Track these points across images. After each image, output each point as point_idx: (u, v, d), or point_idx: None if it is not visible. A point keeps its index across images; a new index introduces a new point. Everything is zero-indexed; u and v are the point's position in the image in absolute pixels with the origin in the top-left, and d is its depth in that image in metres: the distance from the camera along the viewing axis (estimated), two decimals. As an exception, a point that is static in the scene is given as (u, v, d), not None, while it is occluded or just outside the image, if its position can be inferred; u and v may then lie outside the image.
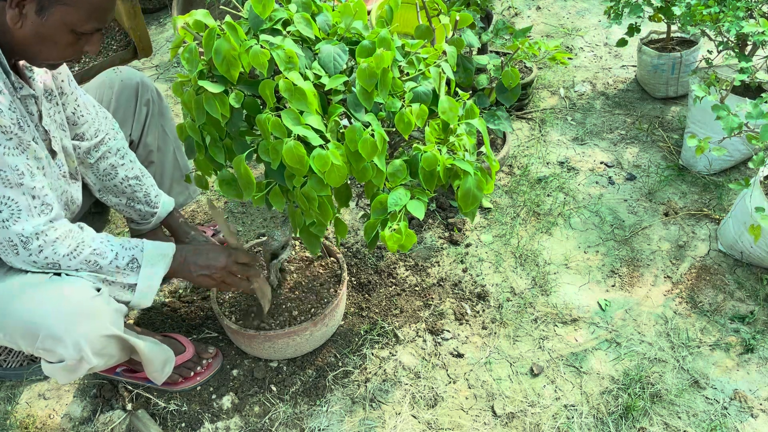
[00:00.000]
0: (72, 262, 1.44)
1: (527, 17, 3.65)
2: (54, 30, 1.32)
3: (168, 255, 1.58)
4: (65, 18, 1.31)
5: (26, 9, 1.28)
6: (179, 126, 1.48)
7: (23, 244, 1.38)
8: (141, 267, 1.53)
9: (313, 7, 1.40)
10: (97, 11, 1.34)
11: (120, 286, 1.52)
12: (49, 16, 1.30)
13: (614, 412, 1.79)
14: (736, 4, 2.23)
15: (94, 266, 1.47)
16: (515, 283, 2.16)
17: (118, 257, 1.51)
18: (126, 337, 1.54)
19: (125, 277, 1.52)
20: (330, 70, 1.34)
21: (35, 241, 1.39)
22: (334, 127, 1.30)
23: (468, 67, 2.21)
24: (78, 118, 1.69)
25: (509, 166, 2.64)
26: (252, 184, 1.36)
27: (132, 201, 1.85)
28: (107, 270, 1.49)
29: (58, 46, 1.37)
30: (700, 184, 2.50)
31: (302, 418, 1.79)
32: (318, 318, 1.79)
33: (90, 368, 1.49)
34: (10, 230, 1.36)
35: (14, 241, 1.38)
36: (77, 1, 1.30)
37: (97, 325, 1.45)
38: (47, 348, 1.42)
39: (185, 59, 1.33)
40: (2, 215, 1.35)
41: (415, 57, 1.43)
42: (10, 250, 1.39)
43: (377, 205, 1.36)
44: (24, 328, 1.41)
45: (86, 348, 1.44)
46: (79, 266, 1.45)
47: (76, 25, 1.34)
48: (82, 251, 1.46)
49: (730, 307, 2.06)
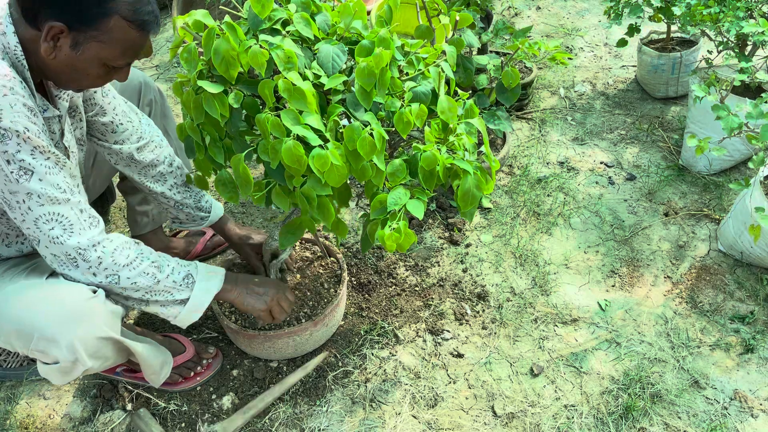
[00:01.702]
0: (131, 273, 1.45)
1: (527, 17, 3.65)
2: (87, 64, 1.34)
3: (220, 274, 1.61)
4: (99, 54, 1.32)
5: (61, 42, 1.29)
6: (179, 126, 1.48)
7: (81, 256, 1.39)
8: (195, 282, 1.55)
9: (313, 7, 1.40)
10: (131, 48, 1.36)
11: (166, 302, 1.53)
12: (84, 51, 1.31)
13: (614, 412, 1.79)
14: (736, 4, 2.23)
15: (152, 279, 1.47)
16: (515, 283, 2.16)
17: (174, 272, 1.52)
18: (122, 340, 1.53)
19: (179, 292, 1.53)
20: (328, 70, 1.34)
21: (93, 252, 1.40)
22: (333, 126, 1.30)
23: (468, 67, 2.21)
24: (117, 126, 1.70)
25: (509, 166, 2.64)
26: (249, 183, 1.36)
27: (181, 205, 1.86)
28: (164, 283, 1.50)
29: (89, 77, 1.38)
30: (700, 184, 2.50)
31: (302, 418, 1.79)
32: (318, 318, 1.79)
33: (85, 370, 1.49)
34: (66, 245, 1.37)
35: (72, 255, 1.39)
36: (112, 39, 1.31)
37: (92, 327, 1.44)
38: (41, 349, 1.42)
39: (184, 59, 1.33)
40: (55, 231, 1.36)
41: (415, 57, 1.43)
42: (69, 264, 1.40)
43: (377, 204, 1.36)
44: (18, 329, 1.41)
45: (80, 350, 1.43)
46: (137, 278, 1.45)
47: (109, 60, 1.35)
48: (141, 263, 1.46)
49: (730, 307, 2.06)
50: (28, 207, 1.33)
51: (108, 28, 1.29)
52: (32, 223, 1.35)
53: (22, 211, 1.34)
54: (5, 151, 1.26)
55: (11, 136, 1.26)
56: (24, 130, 1.27)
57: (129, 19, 1.30)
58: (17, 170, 1.29)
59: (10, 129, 1.25)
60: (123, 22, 1.30)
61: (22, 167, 1.29)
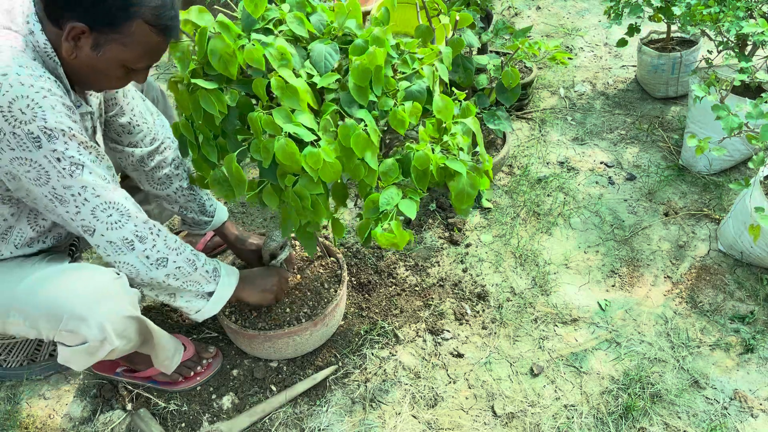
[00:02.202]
0: (178, 258, 1.52)
1: (527, 17, 3.65)
2: (107, 65, 1.35)
3: (236, 271, 1.68)
4: (120, 56, 1.34)
5: (82, 42, 1.30)
6: (174, 125, 1.49)
7: (138, 238, 1.45)
8: (221, 276, 1.62)
9: (308, 8, 1.40)
10: (151, 52, 1.37)
11: (196, 293, 1.60)
12: (104, 53, 1.33)
13: (614, 412, 1.79)
14: (736, 4, 2.23)
15: (192, 266, 1.55)
16: (515, 283, 2.16)
17: (206, 263, 1.59)
18: (144, 320, 1.56)
19: (207, 283, 1.60)
20: (321, 69, 1.34)
21: (150, 234, 1.47)
22: (326, 125, 1.30)
23: (468, 67, 2.21)
24: (134, 127, 1.71)
25: (509, 166, 2.64)
26: (243, 183, 1.37)
27: (185, 210, 1.87)
28: (200, 272, 1.57)
29: (108, 79, 1.40)
30: (700, 184, 2.50)
31: (302, 418, 1.79)
32: (318, 318, 1.79)
33: (111, 350, 1.50)
34: (124, 228, 1.43)
35: (129, 238, 1.44)
36: (134, 42, 1.32)
37: (120, 306, 1.48)
38: (71, 329, 1.43)
39: (177, 59, 1.34)
40: (114, 217, 1.41)
41: (409, 56, 1.43)
42: (125, 248, 1.45)
43: (369, 204, 1.36)
44: (48, 311, 1.43)
45: (109, 328, 1.46)
46: (181, 264, 1.52)
47: (129, 63, 1.36)
48: (185, 249, 1.54)
49: (730, 307, 2.05)
50: (84, 198, 1.37)
51: (130, 31, 1.30)
52: (89, 214, 1.39)
53: (77, 204, 1.38)
54: (54, 149, 1.30)
55: (58, 135, 1.30)
56: (69, 129, 1.31)
57: (152, 24, 1.31)
58: (69, 166, 1.33)
59: (56, 129, 1.29)
60: (146, 26, 1.31)
61: (72, 163, 1.33)
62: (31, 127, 1.27)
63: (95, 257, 2.30)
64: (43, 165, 1.32)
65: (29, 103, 1.26)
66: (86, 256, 2.29)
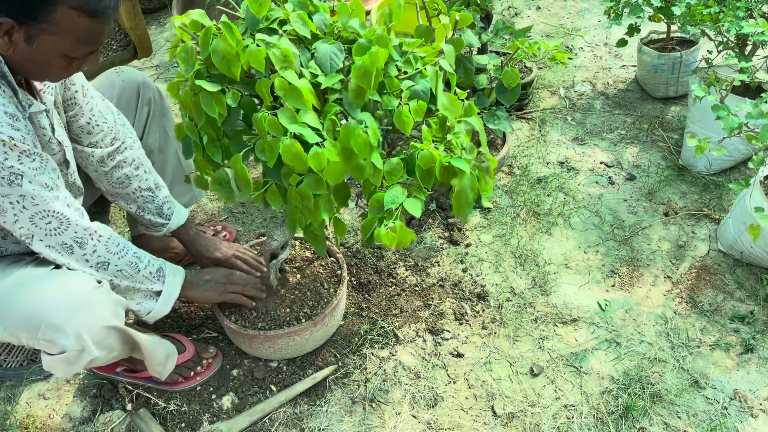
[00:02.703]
0: (119, 261, 1.54)
1: (527, 17, 3.65)
2: (46, 56, 1.31)
3: (182, 270, 1.71)
4: (55, 46, 1.30)
5: (15, 38, 1.27)
6: (177, 126, 1.49)
7: (79, 244, 1.47)
8: (166, 276, 1.65)
9: (310, 7, 1.40)
10: (87, 38, 1.32)
11: (145, 293, 1.63)
12: (38, 45, 1.29)
13: (614, 412, 1.79)
14: (736, 4, 2.23)
15: (134, 268, 1.57)
16: (515, 283, 2.16)
17: (150, 264, 1.62)
18: (127, 330, 1.55)
19: (153, 284, 1.62)
20: (326, 69, 1.34)
21: (90, 240, 1.48)
22: (330, 125, 1.30)
23: (468, 67, 2.21)
24: (93, 128, 1.69)
25: (509, 166, 2.64)
26: (249, 183, 1.36)
27: (142, 210, 1.85)
28: (143, 273, 1.59)
29: (53, 69, 1.36)
30: (700, 184, 2.50)
31: (302, 418, 1.79)
32: (318, 318, 1.79)
33: (91, 360, 1.49)
34: (64, 235, 1.44)
35: (68, 243, 1.46)
36: (63, 30, 1.28)
37: (99, 316, 1.46)
38: (48, 338, 1.43)
39: (181, 59, 1.33)
40: (52, 225, 1.42)
41: (412, 55, 1.43)
42: (64, 252, 1.47)
43: (374, 203, 1.36)
44: (25, 319, 1.42)
45: (87, 338, 1.45)
46: (123, 267, 1.55)
47: (68, 52, 1.32)
48: (127, 252, 1.56)
49: (730, 307, 2.05)
50: (22, 207, 1.37)
51: (56, 19, 1.25)
52: (27, 221, 1.39)
53: (15, 212, 1.38)
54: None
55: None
56: (9, 139, 1.29)
57: (76, 8, 1.26)
58: (8, 176, 1.32)
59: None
60: (70, 11, 1.26)
61: (12, 173, 1.32)
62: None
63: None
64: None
65: None
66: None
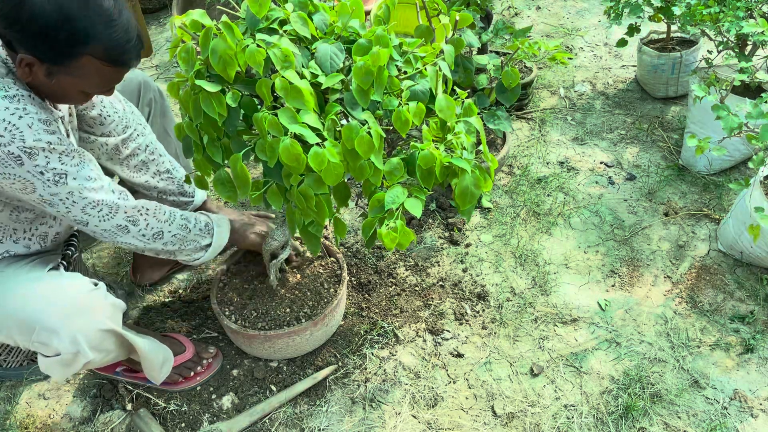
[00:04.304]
0: (171, 227, 1.63)
1: (527, 17, 3.65)
2: (63, 90, 1.37)
3: (226, 219, 1.82)
4: (74, 85, 1.35)
5: (35, 70, 1.30)
6: (177, 125, 1.49)
7: (132, 223, 1.55)
8: (214, 228, 1.74)
9: (310, 7, 1.40)
10: (106, 82, 1.39)
11: (195, 248, 1.72)
12: (58, 81, 1.33)
13: (614, 412, 1.79)
14: (736, 4, 2.23)
15: (185, 230, 1.67)
16: (515, 283, 2.16)
17: (198, 221, 1.71)
18: (123, 333, 1.55)
19: (203, 238, 1.72)
20: (327, 68, 1.34)
21: (140, 217, 1.57)
22: (331, 125, 1.30)
23: (468, 67, 2.21)
24: (105, 118, 1.72)
25: (509, 166, 2.63)
26: (248, 183, 1.36)
27: (164, 194, 1.89)
28: (194, 232, 1.69)
29: (69, 99, 1.42)
30: (700, 184, 2.50)
31: (302, 418, 1.79)
32: (318, 318, 1.79)
33: (86, 363, 1.50)
34: (116, 218, 1.52)
35: (122, 224, 1.54)
36: (85, 74, 1.33)
37: (94, 319, 1.47)
38: (43, 341, 1.43)
39: (182, 59, 1.33)
40: (104, 212, 1.50)
41: (413, 56, 1.43)
42: (120, 233, 1.55)
43: (374, 203, 1.36)
44: (20, 321, 1.43)
45: (82, 341, 1.45)
46: (176, 231, 1.64)
47: (85, 90, 1.38)
48: (175, 217, 1.65)
49: (730, 307, 2.05)
50: (72, 201, 1.44)
51: (79, 65, 1.30)
52: (80, 212, 1.46)
53: (66, 205, 1.44)
54: (36, 164, 1.34)
55: (38, 152, 1.33)
56: (47, 144, 1.34)
57: (101, 59, 1.31)
58: (53, 177, 1.38)
59: (35, 147, 1.32)
60: (95, 61, 1.31)
61: (56, 173, 1.38)
62: (11, 148, 1.29)
63: (95, 257, 2.30)
64: (28, 178, 1.35)
65: (7, 126, 1.27)
66: (86, 257, 2.29)
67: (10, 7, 1.23)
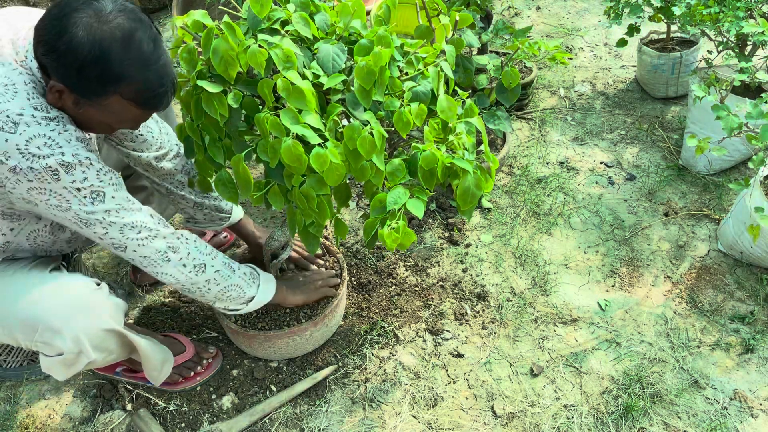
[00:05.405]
0: (215, 262, 1.56)
1: (527, 17, 3.65)
2: (89, 120, 1.36)
3: (272, 277, 1.74)
4: (101, 118, 1.34)
5: (64, 97, 1.30)
6: (178, 126, 1.48)
7: (173, 249, 1.49)
8: (260, 282, 1.67)
9: (312, 7, 1.40)
10: (132, 121, 1.38)
11: (238, 300, 1.64)
12: (85, 111, 1.32)
13: (614, 412, 1.79)
14: (736, 4, 2.23)
15: (229, 269, 1.60)
16: (515, 283, 2.16)
17: (241, 267, 1.64)
18: (125, 333, 1.56)
19: (249, 287, 1.64)
20: (329, 69, 1.34)
21: (182, 245, 1.50)
22: (332, 126, 1.30)
23: (468, 67, 2.21)
24: (136, 136, 1.71)
25: (509, 166, 2.64)
26: (249, 183, 1.36)
27: (200, 207, 1.86)
28: (238, 275, 1.61)
29: (93, 129, 1.40)
30: (700, 184, 2.50)
31: (302, 418, 1.79)
32: (318, 318, 1.79)
33: (89, 362, 1.50)
34: (155, 242, 1.46)
35: (162, 250, 1.47)
36: (112, 112, 1.32)
37: (97, 319, 1.47)
38: (45, 341, 1.43)
39: (183, 59, 1.33)
40: (142, 234, 1.44)
41: (414, 56, 1.43)
42: (160, 260, 1.48)
43: (376, 203, 1.36)
44: (23, 321, 1.43)
45: (85, 341, 1.46)
46: (219, 267, 1.57)
47: (111, 124, 1.37)
48: (217, 254, 1.59)
49: (730, 307, 2.06)
50: (110, 221, 1.39)
51: (107, 102, 1.30)
52: (117, 233, 1.41)
53: (104, 225, 1.39)
54: (73, 180, 1.31)
55: (76, 167, 1.30)
56: (86, 159, 1.32)
57: (131, 100, 1.30)
58: (89, 194, 1.34)
59: (73, 162, 1.29)
60: (124, 101, 1.30)
61: (93, 191, 1.34)
62: (49, 161, 1.27)
63: (95, 257, 2.30)
64: (63, 194, 1.32)
65: (46, 141, 1.26)
66: (86, 257, 2.29)
67: (51, 35, 1.22)
